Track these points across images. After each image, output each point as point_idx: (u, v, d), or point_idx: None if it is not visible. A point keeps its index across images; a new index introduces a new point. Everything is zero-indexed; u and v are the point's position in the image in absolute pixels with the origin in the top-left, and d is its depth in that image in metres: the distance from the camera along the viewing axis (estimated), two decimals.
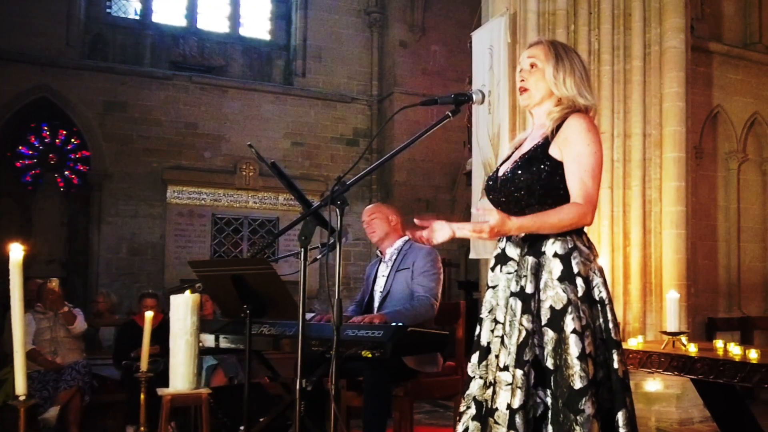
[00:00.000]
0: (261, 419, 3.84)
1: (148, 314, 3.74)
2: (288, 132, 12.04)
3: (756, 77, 7.74)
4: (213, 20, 12.49)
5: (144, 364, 3.65)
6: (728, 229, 7.49)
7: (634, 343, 4.00)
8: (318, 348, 3.40)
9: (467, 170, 7.62)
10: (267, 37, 12.86)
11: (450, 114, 2.54)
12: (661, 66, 5.92)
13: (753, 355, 3.36)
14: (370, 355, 3.19)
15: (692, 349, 3.61)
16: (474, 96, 2.53)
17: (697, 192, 6.61)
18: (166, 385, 3.40)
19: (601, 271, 2.38)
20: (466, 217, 11.75)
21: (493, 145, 6.31)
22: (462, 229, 2.34)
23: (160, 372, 4.66)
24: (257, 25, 12.82)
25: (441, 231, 2.34)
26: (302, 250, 2.60)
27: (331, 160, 12.25)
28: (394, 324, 3.30)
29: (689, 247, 5.80)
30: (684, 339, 3.75)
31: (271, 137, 11.92)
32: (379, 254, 4.25)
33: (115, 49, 11.51)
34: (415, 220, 2.40)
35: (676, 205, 5.72)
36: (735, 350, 3.48)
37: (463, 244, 11.13)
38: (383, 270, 4.14)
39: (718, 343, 3.69)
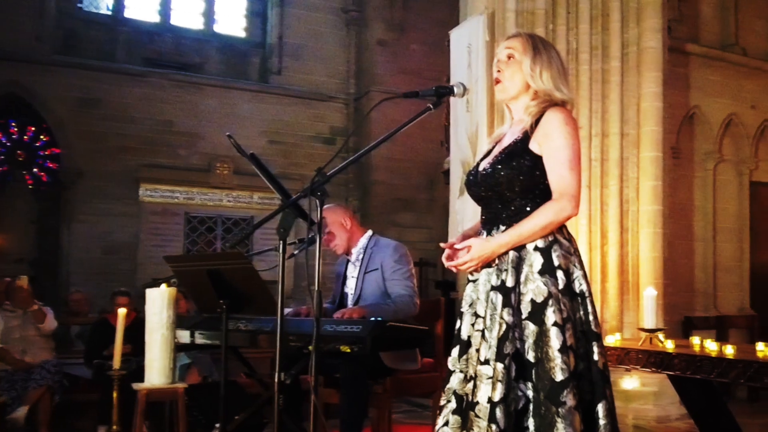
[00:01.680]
0: (236, 417, 3.83)
1: (122, 311, 3.70)
2: (265, 130, 11.98)
3: (733, 79, 7.87)
4: (187, 17, 12.39)
5: (117, 362, 3.62)
6: (705, 228, 7.59)
7: (612, 340, 4.03)
8: (296, 343, 3.38)
9: (445, 169, 7.64)
10: (242, 34, 12.79)
11: (431, 106, 2.55)
12: (639, 66, 5.99)
13: (729, 350, 3.42)
14: (348, 350, 3.19)
15: (669, 345, 3.66)
16: (455, 89, 2.55)
17: (675, 192, 6.69)
18: None
19: (581, 263, 2.41)
20: (443, 216, 11.82)
21: (472, 143, 6.33)
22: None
23: (133, 371, 4.62)
24: (232, 23, 12.74)
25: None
26: (281, 242, 2.60)
27: (309, 158, 12.20)
28: (373, 319, 3.29)
29: (666, 246, 5.88)
30: (661, 336, 3.80)
31: (247, 135, 11.83)
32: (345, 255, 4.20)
33: (87, 45, 11.37)
34: (457, 245, 2.42)
35: (653, 204, 5.80)
36: (711, 346, 3.53)
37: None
38: (352, 270, 4.08)
39: (695, 340, 3.74)
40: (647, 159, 5.85)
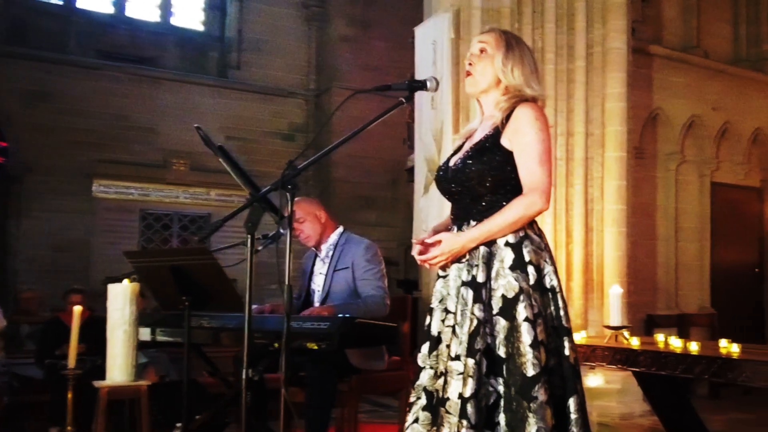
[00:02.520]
0: (198, 416, 3.79)
1: (77, 308, 3.65)
2: (223, 126, 11.87)
3: (695, 81, 8.04)
4: (143, 9, 12.23)
5: (72, 361, 3.56)
6: (667, 228, 7.75)
7: (577, 338, 4.08)
8: (261, 340, 3.37)
9: (409, 167, 7.67)
10: (200, 28, 12.68)
11: (404, 100, 2.56)
12: (604, 66, 6.09)
13: (694, 347, 3.49)
14: (315, 347, 3.18)
15: (635, 342, 3.73)
16: (428, 83, 2.56)
17: (638, 192, 6.82)
18: (92, 385, 3.33)
19: (552, 259, 2.44)
20: (406, 215, 11.85)
21: (437, 141, 6.37)
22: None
23: (87, 371, 4.54)
24: (190, 16, 12.62)
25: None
26: (249, 236, 2.58)
27: (268, 155, 12.13)
28: (341, 315, 3.29)
29: (630, 246, 6.00)
30: (626, 333, 3.87)
31: (204, 131, 11.73)
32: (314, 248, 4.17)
33: (37, 36, 11.12)
34: (427, 240, 2.42)
35: (617, 204, 5.91)
36: (676, 343, 3.61)
37: (403, 242, 11.20)
38: (320, 267, 4.05)
39: (659, 337, 3.83)
40: (612, 159, 5.96)
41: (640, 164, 7.23)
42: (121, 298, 3.00)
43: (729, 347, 3.43)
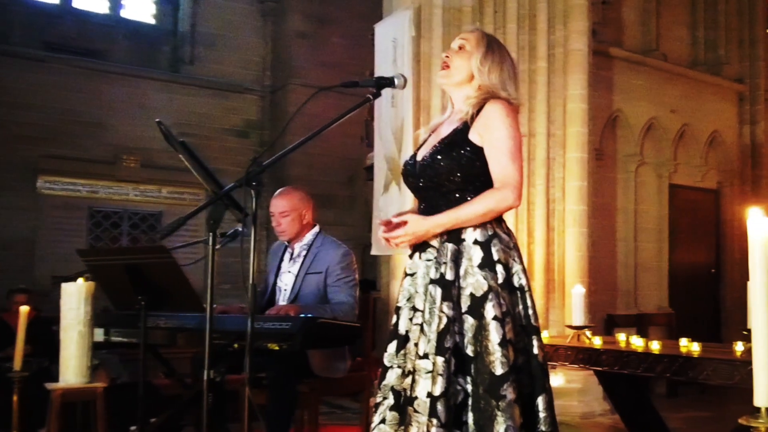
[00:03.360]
0: (153, 419, 3.74)
1: (24, 309, 3.58)
2: (175, 122, 11.68)
3: (654, 83, 8.21)
4: (91, 1, 12.00)
5: (18, 364, 3.50)
6: (626, 229, 7.90)
7: None
8: (220, 341, 3.33)
9: (368, 165, 7.68)
10: (152, 21, 12.50)
11: (371, 96, 2.57)
12: (566, 68, 6.18)
13: (655, 346, 3.57)
14: (277, 348, 3.16)
15: (597, 342, 3.80)
16: (396, 80, 2.57)
17: (598, 193, 6.93)
18: (38, 388, 3.28)
19: (520, 258, 2.47)
20: (364, 213, 11.86)
21: (397, 139, 6.40)
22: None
23: (33, 374, 4.45)
24: (141, 8, 12.43)
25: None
26: (211, 234, 2.56)
27: (222, 152, 12.00)
28: (303, 315, 3.27)
29: (590, 246, 6.11)
30: (588, 333, 3.93)
31: (155, 127, 11.52)
32: (286, 242, 4.10)
33: None
34: (393, 219, 2.41)
35: (578, 204, 6.01)
36: (637, 342, 3.69)
37: (361, 241, 11.19)
38: (290, 265, 3.99)
39: (621, 336, 3.91)
40: (573, 160, 6.05)
41: (600, 165, 7.35)
42: (75, 298, 2.95)
43: (689, 346, 3.52)
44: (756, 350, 1.63)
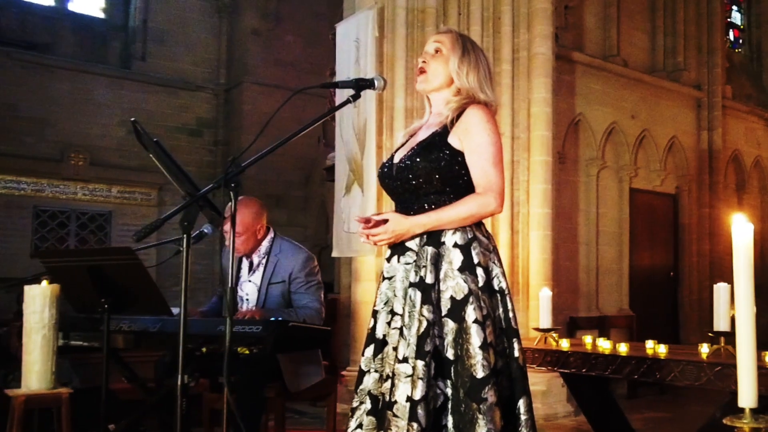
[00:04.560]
0: (111, 425, 3.70)
1: None
2: (124, 119, 11.57)
3: (614, 89, 8.40)
4: None
5: None
6: (588, 232, 8.06)
7: None
8: (188, 344, 3.32)
9: (328, 165, 7.69)
10: (101, 15, 12.33)
11: (351, 99, 2.59)
12: (530, 71, 6.28)
13: (623, 348, 3.68)
14: (247, 352, 3.16)
15: (564, 344, 3.89)
16: (376, 82, 2.60)
17: (560, 196, 7.07)
18: None
19: (500, 261, 2.52)
20: (319, 214, 11.86)
21: (359, 140, 6.42)
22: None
23: None
24: (89, 2, 12.25)
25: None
26: (185, 236, 2.56)
27: (173, 151, 11.81)
28: (274, 318, 3.28)
29: (554, 249, 6.22)
30: (555, 335, 4.03)
31: (104, 124, 11.43)
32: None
33: None
34: (374, 217, 2.43)
35: (543, 207, 6.12)
36: (605, 345, 3.79)
37: (316, 243, 11.20)
38: (250, 276, 3.94)
39: (587, 339, 4.01)
40: (537, 163, 6.15)
41: (561, 169, 7.50)
42: (39, 301, 2.92)
43: (656, 348, 3.64)
44: (740, 353, 1.70)
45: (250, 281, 3.95)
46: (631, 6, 8.86)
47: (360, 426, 2.42)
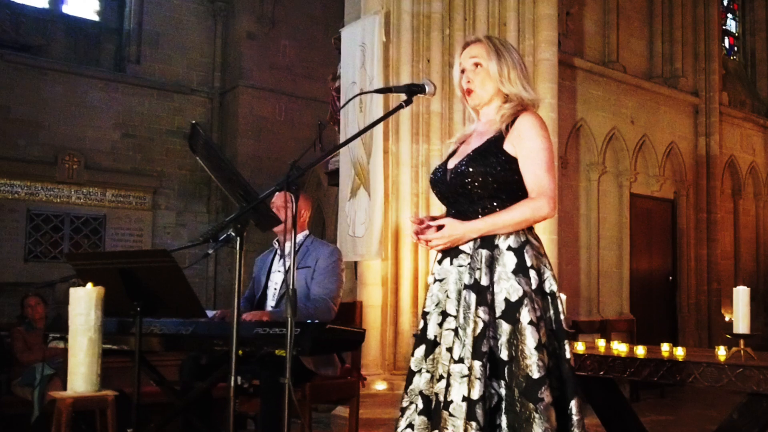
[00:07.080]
0: (128, 430, 3.74)
1: None
2: (118, 122, 11.60)
3: (614, 94, 8.54)
4: None
5: None
6: (589, 236, 8.18)
7: None
8: (222, 347, 3.40)
9: (331, 169, 7.77)
10: (95, 17, 12.34)
11: (404, 104, 2.67)
12: (535, 77, 6.38)
13: (640, 351, 3.82)
14: (285, 354, 3.24)
15: (580, 347, 4.02)
16: (426, 87, 2.68)
17: (561, 200, 7.20)
18: None
19: (550, 264, 2.58)
20: (315, 218, 11.90)
21: (365, 144, 6.50)
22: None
23: None
24: (83, 4, 12.25)
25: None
26: (238, 238, 2.66)
27: (166, 154, 11.96)
28: (310, 321, 3.37)
29: (557, 252, 6.34)
30: None
31: (98, 127, 11.44)
32: (275, 244, 4.18)
33: None
34: (429, 222, 2.52)
35: None
36: (621, 348, 3.92)
37: None
38: (279, 265, 4.06)
39: (600, 342, 4.15)
40: None
41: (563, 173, 7.62)
42: (84, 303, 2.97)
43: (673, 350, 3.78)
44: None
45: (278, 271, 4.06)
46: (629, 12, 9.01)
47: (410, 426, 2.48)
